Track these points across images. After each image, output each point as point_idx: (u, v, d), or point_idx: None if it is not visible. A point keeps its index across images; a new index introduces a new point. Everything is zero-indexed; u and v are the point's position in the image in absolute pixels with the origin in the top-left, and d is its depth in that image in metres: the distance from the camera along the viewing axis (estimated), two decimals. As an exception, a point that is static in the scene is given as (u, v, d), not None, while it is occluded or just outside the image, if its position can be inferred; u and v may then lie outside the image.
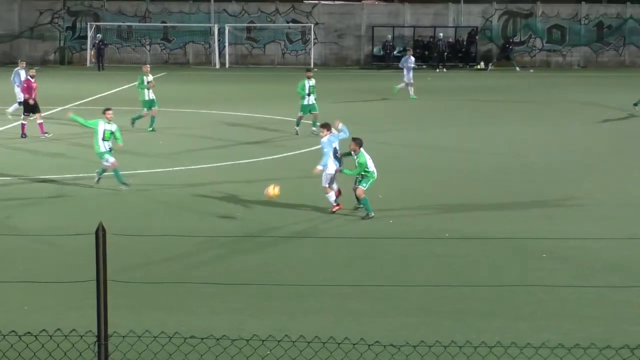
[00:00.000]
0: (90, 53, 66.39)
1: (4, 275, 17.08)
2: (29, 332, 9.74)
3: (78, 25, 69.42)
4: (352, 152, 20.87)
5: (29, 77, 34.26)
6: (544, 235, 17.96)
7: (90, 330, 8.23)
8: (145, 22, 69.87)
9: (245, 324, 13.85)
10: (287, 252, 19.16)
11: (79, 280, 13.03)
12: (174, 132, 35.64)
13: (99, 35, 66.90)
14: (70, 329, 9.52)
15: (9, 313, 14.68)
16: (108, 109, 24.16)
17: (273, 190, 20.19)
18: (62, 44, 68.61)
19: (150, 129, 34.60)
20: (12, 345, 9.88)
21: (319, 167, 20.99)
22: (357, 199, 20.62)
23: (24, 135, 32.25)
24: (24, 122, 32.75)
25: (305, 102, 33.61)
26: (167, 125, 36.37)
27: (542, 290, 14.73)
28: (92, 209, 23.39)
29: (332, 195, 20.79)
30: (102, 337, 8.03)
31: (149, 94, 34.77)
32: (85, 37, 68.08)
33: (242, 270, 17.64)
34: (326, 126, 21.33)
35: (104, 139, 23.26)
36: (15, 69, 38.97)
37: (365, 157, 20.75)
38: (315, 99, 33.77)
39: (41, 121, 33.02)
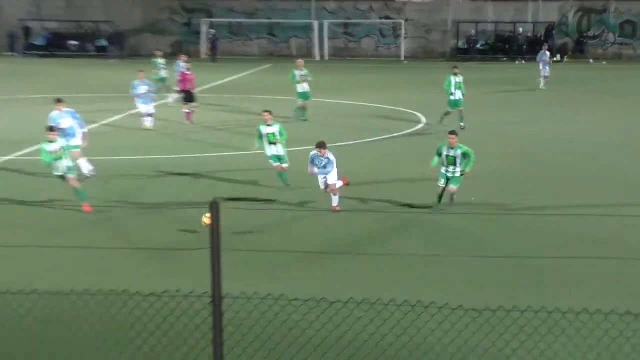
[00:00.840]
0: (204, 46, 67.18)
1: (125, 242, 17.25)
2: (152, 293, 9.89)
3: (193, 21, 70.12)
4: (450, 146, 18.96)
5: (184, 70, 34.07)
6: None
7: (206, 292, 8.18)
8: (252, 18, 70.40)
9: (345, 290, 13.37)
10: (401, 229, 18.42)
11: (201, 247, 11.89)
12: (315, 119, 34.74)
13: (212, 30, 67.71)
14: (188, 290, 9.55)
15: (132, 276, 14.77)
16: (266, 110, 21.88)
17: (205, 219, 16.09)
18: (179, 38, 69.40)
19: (304, 118, 33.77)
20: (137, 304, 9.97)
21: (335, 181, 19.22)
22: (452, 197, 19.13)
23: (188, 122, 32.36)
24: (185, 110, 32.78)
25: (452, 98, 32.08)
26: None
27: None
28: (217, 184, 22.81)
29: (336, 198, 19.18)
30: (216, 298, 8.01)
31: (303, 87, 33.87)
32: (199, 32, 68.93)
33: (344, 241, 17.15)
34: (323, 145, 19.50)
35: (269, 143, 21.36)
36: (177, 61, 39.10)
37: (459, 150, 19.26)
38: (462, 94, 32.03)
39: (188, 111, 32.81)
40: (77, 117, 23.05)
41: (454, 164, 19.01)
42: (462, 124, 31.25)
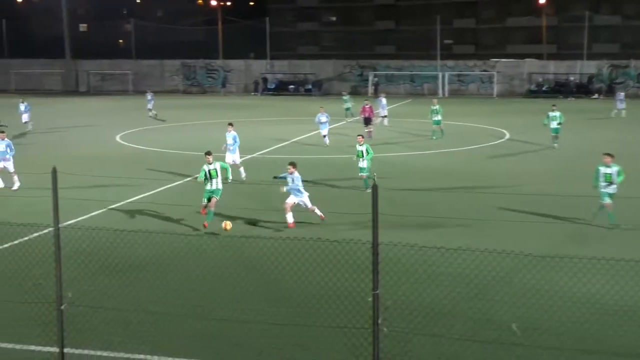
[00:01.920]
0: (370, 88, 74.22)
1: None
2: (328, 239, 10.41)
3: (364, 73, 78.16)
4: (606, 165, 17.05)
5: (364, 105, 36.37)
6: None
7: (368, 240, 8.36)
8: (400, 71, 77.92)
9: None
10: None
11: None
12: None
13: (376, 79, 76.36)
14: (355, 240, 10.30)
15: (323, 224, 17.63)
16: (360, 135, 22.59)
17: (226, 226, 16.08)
18: (354, 84, 77.30)
19: (439, 137, 34.60)
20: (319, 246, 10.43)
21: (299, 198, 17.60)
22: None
23: (370, 137, 33.38)
24: (369, 129, 35.27)
25: (552, 126, 31.07)
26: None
27: None
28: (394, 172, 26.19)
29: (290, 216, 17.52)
30: (375, 245, 8.15)
31: (436, 117, 34.84)
32: (367, 80, 76.76)
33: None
34: (293, 165, 17.77)
35: (359, 157, 21.59)
36: (379, 98, 43.43)
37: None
38: (558, 124, 30.94)
39: (370, 130, 35.22)
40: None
41: (611, 181, 17.08)
42: (555, 145, 31.57)
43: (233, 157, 24.36)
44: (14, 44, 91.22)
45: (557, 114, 31.81)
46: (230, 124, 25.32)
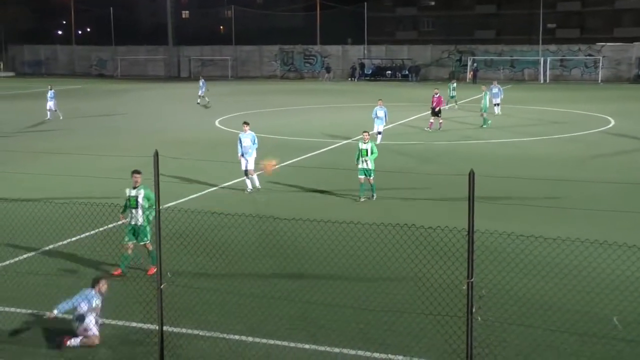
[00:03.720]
0: (469, 74, 74.37)
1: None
2: (422, 226, 10.65)
3: (463, 58, 78.42)
4: None
5: (434, 95, 34.20)
6: None
7: (464, 228, 8.40)
8: (500, 57, 77.61)
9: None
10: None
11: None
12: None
13: (475, 64, 75.95)
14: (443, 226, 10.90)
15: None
16: (365, 131, 19.52)
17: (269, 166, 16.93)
18: (453, 69, 77.41)
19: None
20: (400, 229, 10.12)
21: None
22: None
23: (429, 128, 33.82)
24: (431, 120, 34.13)
25: None
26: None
27: None
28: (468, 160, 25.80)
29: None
30: (470, 232, 8.03)
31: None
32: (466, 65, 77.03)
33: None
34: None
35: (361, 158, 18.78)
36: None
37: None
38: None
39: (432, 121, 33.99)
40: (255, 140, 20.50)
41: None
42: None
43: (248, 162, 20.39)
44: (120, 31, 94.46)
45: None
46: (246, 123, 21.05)
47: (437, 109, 33.95)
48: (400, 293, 11.60)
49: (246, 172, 20.34)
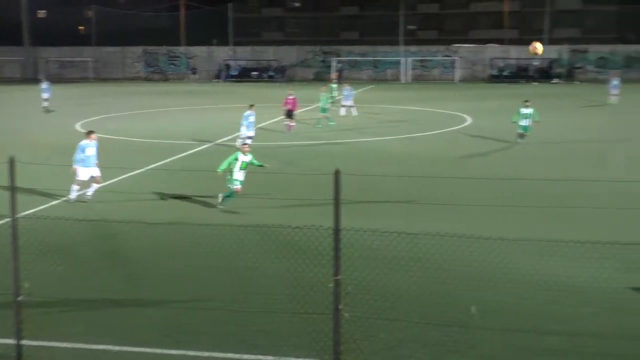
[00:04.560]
0: (333, 75, 72.10)
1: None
2: (289, 225, 10.99)
3: (327, 59, 79.02)
4: None
5: (288, 97, 32.57)
6: None
7: (330, 227, 9.08)
8: (364, 57, 79.04)
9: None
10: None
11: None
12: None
13: (340, 65, 77.10)
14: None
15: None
16: (244, 144, 20.06)
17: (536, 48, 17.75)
18: (318, 70, 78.69)
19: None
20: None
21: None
22: None
23: (289, 131, 32.28)
24: (292, 124, 32.78)
25: (521, 124, 27.90)
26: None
27: None
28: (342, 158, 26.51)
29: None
30: (336, 230, 9.22)
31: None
32: (330, 66, 77.49)
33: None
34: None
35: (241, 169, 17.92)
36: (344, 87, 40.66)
37: None
38: (530, 122, 27.97)
39: (292, 124, 32.82)
40: None
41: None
42: (520, 141, 28.32)
43: (93, 171, 19.18)
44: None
45: (530, 110, 28.23)
46: (92, 131, 19.80)
47: (292, 112, 32.55)
48: (269, 293, 11.62)
49: (85, 182, 19.08)
